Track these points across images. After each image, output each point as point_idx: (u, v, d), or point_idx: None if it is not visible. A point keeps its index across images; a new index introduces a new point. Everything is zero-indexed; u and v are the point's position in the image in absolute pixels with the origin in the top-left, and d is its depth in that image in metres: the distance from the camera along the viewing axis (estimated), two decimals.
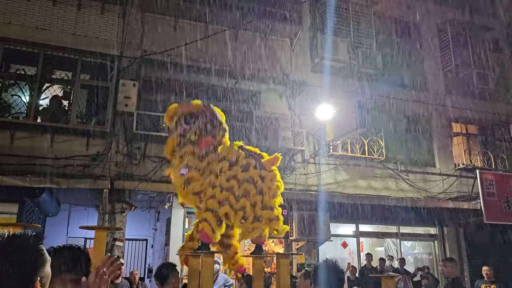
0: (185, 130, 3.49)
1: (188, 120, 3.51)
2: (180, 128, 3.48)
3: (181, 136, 3.48)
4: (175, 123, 3.49)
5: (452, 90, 12.14)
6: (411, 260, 11.56)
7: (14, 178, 7.05)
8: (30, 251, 1.39)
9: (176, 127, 3.48)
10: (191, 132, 3.49)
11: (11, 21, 8.31)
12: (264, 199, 3.45)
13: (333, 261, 2.77)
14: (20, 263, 1.33)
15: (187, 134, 3.49)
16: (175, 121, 3.49)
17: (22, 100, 8.49)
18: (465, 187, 11.11)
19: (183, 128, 3.49)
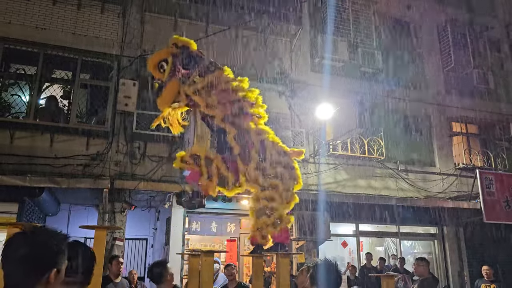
0: (187, 74, 3.38)
1: (187, 62, 3.42)
2: (179, 72, 3.35)
3: (185, 77, 3.36)
4: (171, 67, 3.34)
5: (452, 89, 12.14)
6: (411, 260, 11.55)
7: (14, 178, 7.04)
8: (54, 242, 1.49)
9: (174, 72, 3.33)
10: (195, 74, 3.40)
11: (11, 21, 8.30)
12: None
13: (332, 260, 2.76)
14: (43, 251, 1.44)
15: (190, 76, 3.39)
16: (170, 65, 3.34)
17: (22, 99, 8.49)
18: (465, 187, 11.11)
19: (183, 72, 3.37)
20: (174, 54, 3.39)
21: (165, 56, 3.41)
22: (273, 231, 3.45)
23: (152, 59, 3.50)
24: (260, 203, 3.49)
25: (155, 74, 3.43)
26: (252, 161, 3.44)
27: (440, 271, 10.95)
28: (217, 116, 3.41)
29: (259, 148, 3.54)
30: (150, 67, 3.47)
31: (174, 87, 3.34)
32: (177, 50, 3.42)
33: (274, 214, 3.45)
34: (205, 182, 3.36)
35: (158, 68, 3.39)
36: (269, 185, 3.47)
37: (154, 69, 3.42)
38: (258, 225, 3.54)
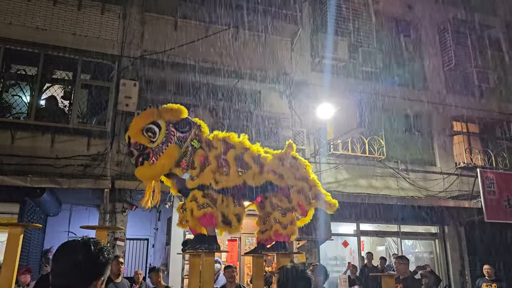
0: (184, 138, 3.24)
1: (182, 126, 3.24)
2: (174, 136, 3.17)
3: (181, 142, 3.20)
4: (166, 130, 3.14)
5: (452, 88, 12.14)
6: (412, 259, 11.55)
7: (15, 178, 7.06)
8: (104, 253, 1.62)
9: (169, 136, 3.14)
10: (192, 137, 3.28)
11: (12, 22, 8.31)
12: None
13: (300, 266, 2.58)
14: (96, 260, 1.58)
15: (187, 141, 3.25)
16: (164, 129, 3.14)
17: (23, 100, 8.51)
18: (466, 186, 11.10)
19: (180, 136, 3.21)
20: (166, 116, 3.17)
21: (156, 118, 3.13)
22: (282, 230, 3.47)
23: (138, 121, 3.16)
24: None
25: (139, 138, 3.06)
26: None
27: (441, 271, 10.95)
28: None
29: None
30: (133, 131, 3.10)
31: (175, 152, 3.12)
32: (170, 111, 3.20)
33: (287, 213, 3.50)
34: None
35: (144, 133, 3.07)
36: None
37: (138, 133, 3.07)
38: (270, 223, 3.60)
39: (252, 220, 9.93)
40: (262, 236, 3.72)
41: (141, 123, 3.10)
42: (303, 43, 10.70)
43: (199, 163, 3.26)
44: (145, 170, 3.12)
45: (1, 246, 8.26)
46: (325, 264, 10.70)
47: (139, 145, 3.07)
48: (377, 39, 11.23)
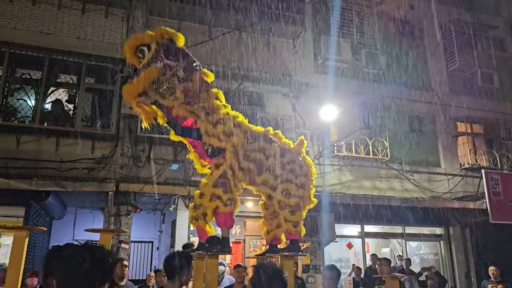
0: (170, 66, 3.06)
1: (173, 54, 3.09)
2: (161, 61, 3.02)
3: (166, 69, 3.04)
4: (153, 54, 3.00)
5: (456, 89, 12.10)
6: (417, 261, 11.51)
7: (20, 182, 7.11)
8: (110, 259, 1.73)
9: (156, 59, 3.00)
10: (178, 68, 3.11)
11: (16, 26, 8.39)
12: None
13: (277, 265, 2.44)
14: (101, 266, 1.66)
15: (172, 69, 3.08)
16: (153, 51, 3.01)
17: (28, 104, 8.57)
18: (470, 187, 11.05)
19: (167, 63, 3.05)
20: (159, 41, 3.06)
21: (148, 41, 3.06)
22: (292, 229, 3.41)
23: (132, 40, 3.11)
24: (275, 204, 3.48)
25: (131, 58, 3.03)
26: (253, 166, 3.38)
27: (447, 272, 10.90)
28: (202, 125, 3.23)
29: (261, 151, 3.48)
30: (128, 49, 3.06)
31: (153, 73, 3.00)
32: (163, 37, 3.10)
33: (296, 212, 3.42)
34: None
35: (136, 52, 3.02)
36: (281, 186, 3.45)
37: (131, 52, 3.03)
38: (277, 224, 3.53)
39: (256, 222, 9.94)
40: (269, 236, 3.65)
41: (136, 43, 3.07)
42: (306, 45, 10.70)
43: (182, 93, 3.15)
44: (126, 88, 3.07)
45: (7, 249, 8.32)
46: None
47: (131, 65, 3.07)
48: (380, 40, 11.22)
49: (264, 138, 3.50)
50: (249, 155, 3.36)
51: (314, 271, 9.27)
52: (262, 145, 3.44)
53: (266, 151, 3.47)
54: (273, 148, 3.50)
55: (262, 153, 3.43)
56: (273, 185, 3.46)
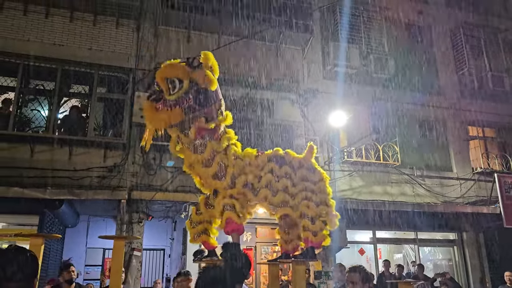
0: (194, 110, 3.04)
1: (200, 99, 3.05)
2: (187, 103, 3.01)
3: (190, 111, 3.02)
4: (183, 93, 2.99)
5: (467, 93, 12.02)
6: (430, 267, 11.38)
7: (34, 191, 7.23)
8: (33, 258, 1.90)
9: (184, 98, 2.99)
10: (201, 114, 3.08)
11: (30, 38, 8.58)
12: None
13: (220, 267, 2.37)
14: (29, 266, 1.86)
15: (195, 114, 3.05)
16: (184, 89, 2.99)
17: (42, 114, 8.74)
18: (483, 191, 10.93)
19: (193, 105, 3.03)
20: (193, 80, 3.05)
21: (182, 75, 3.04)
22: (312, 237, 3.34)
23: (168, 68, 3.12)
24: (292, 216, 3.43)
25: (161, 83, 3.06)
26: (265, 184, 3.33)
27: (461, 278, 10.75)
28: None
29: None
30: (160, 76, 3.08)
31: (176, 116, 3.02)
32: (200, 77, 3.07)
33: (315, 222, 3.36)
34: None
35: (168, 82, 3.04)
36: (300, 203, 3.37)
37: (163, 79, 3.05)
38: (297, 234, 3.50)
39: (267, 229, 9.94)
40: (287, 246, 3.59)
41: (170, 72, 3.07)
42: (315, 51, 10.75)
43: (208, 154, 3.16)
44: (150, 110, 3.06)
45: None
46: None
47: (160, 88, 3.07)
48: (389, 45, 11.22)
49: (275, 160, 3.44)
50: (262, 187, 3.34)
51: (326, 277, 9.22)
52: (271, 167, 3.39)
53: (276, 172, 3.40)
54: (284, 169, 3.43)
55: (272, 174, 3.37)
56: (291, 204, 3.39)
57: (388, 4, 11.57)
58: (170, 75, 3.05)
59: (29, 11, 8.72)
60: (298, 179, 3.45)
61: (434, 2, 12.71)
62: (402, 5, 11.93)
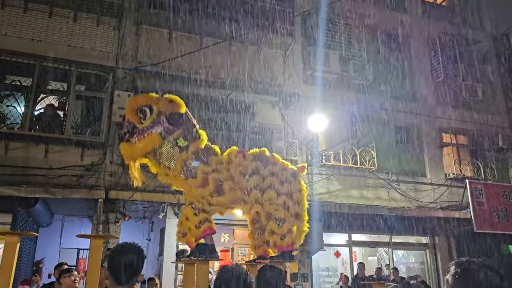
0: (170, 131, 3.17)
1: (174, 119, 3.18)
2: (162, 125, 3.11)
3: (166, 133, 3.14)
4: (155, 116, 3.09)
5: (441, 101, 12.37)
6: (403, 270, 11.64)
7: (8, 188, 7.06)
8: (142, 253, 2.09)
9: (158, 123, 3.10)
10: (178, 134, 3.19)
11: (7, 33, 8.39)
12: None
13: (242, 268, 2.32)
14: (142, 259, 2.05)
15: (173, 135, 3.18)
16: (155, 114, 3.10)
17: (18, 110, 8.54)
18: (455, 197, 11.26)
19: (168, 127, 3.15)
20: (161, 105, 3.15)
21: (151, 103, 3.15)
22: (279, 241, 3.38)
23: (135, 100, 3.21)
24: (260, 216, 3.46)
25: (132, 117, 3.11)
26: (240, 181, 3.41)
27: (432, 281, 11.04)
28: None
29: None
30: (129, 109, 3.14)
31: (154, 140, 3.11)
32: (167, 101, 3.19)
33: (283, 225, 3.38)
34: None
35: (137, 113, 3.11)
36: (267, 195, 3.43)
37: (132, 112, 3.12)
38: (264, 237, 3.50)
39: (245, 230, 9.96)
40: (258, 251, 3.64)
41: (138, 103, 3.15)
42: (296, 56, 10.88)
43: (181, 168, 3.26)
44: (126, 147, 3.16)
45: None
46: (317, 275, 10.81)
47: (131, 122, 3.14)
48: (368, 52, 11.46)
49: (259, 159, 3.52)
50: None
51: (302, 279, 9.33)
52: (254, 167, 3.47)
53: (255, 170, 3.48)
54: (268, 169, 3.51)
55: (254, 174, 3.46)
56: (260, 200, 3.45)
57: (368, 12, 11.82)
58: (139, 104, 3.13)
59: (7, 5, 8.53)
60: (278, 183, 3.49)
61: (413, 12, 13.06)
62: (381, 14, 12.20)
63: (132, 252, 2.02)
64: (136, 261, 2.00)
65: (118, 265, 1.97)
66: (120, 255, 2.01)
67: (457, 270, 1.73)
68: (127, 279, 1.98)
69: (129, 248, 2.04)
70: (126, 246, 2.07)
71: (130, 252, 2.02)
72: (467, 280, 1.70)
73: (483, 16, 14.29)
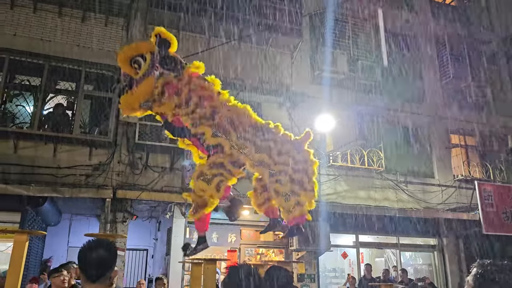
0: (165, 75, 3.18)
1: (169, 63, 3.19)
2: (157, 70, 3.11)
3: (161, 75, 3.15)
4: (149, 63, 3.08)
5: (450, 102, 12.27)
6: (411, 271, 11.55)
7: (17, 187, 7.13)
8: (114, 248, 2.09)
9: (152, 69, 3.08)
10: (173, 75, 3.21)
11: (17, 33, 8.47)
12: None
13: (251, 266, 2.26)
14: (113, 255, 2.05)
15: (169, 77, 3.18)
16: (148, 62, 3.08)
17: (27, 110, 8.61)
18: (464, 198, 11.17)
19: (163, 72, 3.16)
20: (154, 51, 3.14)
21: (143, 51, 3.13)
22: (291, 215, 3.18)
23: (126, 51, 3.18)
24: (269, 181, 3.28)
25: (126, 68, 3.10)
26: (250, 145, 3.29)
27: (440, 283, 10.95)
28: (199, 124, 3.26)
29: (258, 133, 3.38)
30: (122, 60, 3.12)
31: (150, 82, 3.08)
32: (155, 47, 3.17)
33: (292, 197, 3.19)
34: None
35: (131, 63, 3.10)
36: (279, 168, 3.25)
37: (125, 63, 3.10)
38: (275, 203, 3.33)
39: (251, 230, 9.96)
40: (262, 208, 3.47)
41: (130, 54, 3.13)
42: (303, 56, 10.85)
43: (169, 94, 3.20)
44: (125, 98, 3.15)
45: (0, 255, 8.28)
46: (324, 276, 10.76)
47: (127, 75, 3.13)
48: (376, 52, 11.40)
49: (265, 126, 3.45)
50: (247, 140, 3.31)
51: (309, 280, 9.30)
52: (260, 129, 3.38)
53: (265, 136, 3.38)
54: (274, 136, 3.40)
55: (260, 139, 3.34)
56: (270, 165, 3.30)
57: (375, 12, 11.75)
58: (131, 55, 3.11)
59: (16, 5, 8.61)
60: (284, 152, 3.35)
61: (421, 12, 12.97)
62: (389, 14, 12.13)
63: (102, 248, 1.98)
64: (108, 257, 1.97)
65: (88, 262, 1.93)
66: (90, 252, 1.97)
67: (478, 271, 1.76)
68: (99, 276, 1.94)
69: (99, 244, 2.02)
70: (95, 241, 2.05)
71: (101, 248, 1.98)
72: (488, 281, 1.74)
73: (492, 16, 14.16)
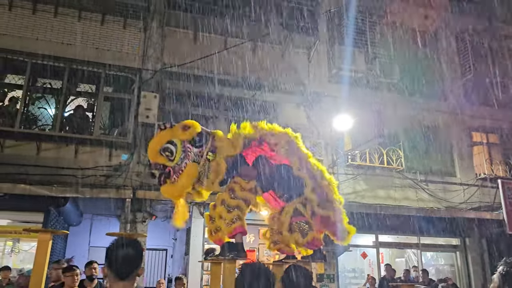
0: (200, 153, 3.20)
1: (197, 141, 3.21)
2: (191, 152, 3.14)
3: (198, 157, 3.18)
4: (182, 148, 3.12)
5: (471, 99, 12.01)
6: (432, 272, 11.35)
7: (40, 188, 7.28)
8: (140, 247, 2.11)
9: (186, 153, 3.12)
10: (207, 151, 3.22)
11: (39, 37, 8.65)
12: None
13: (263, 265, 2.29)
14: (140, 253, 2.06)
15: (203, 154, 3.20)
16: (180, 147, 3.11)
17: (48, 112, 8.79)
18: (487, 197, 10.92)
19: (196, 152, 3.18)
20: (177, 136, 3.15)
21: (170, 138, 3.14)
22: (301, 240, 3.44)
23: (154, 143, 3.17)
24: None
25: (158, 159, 3.09)
26: None
27: (463, 283, 10.73)
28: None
29: None
30: (152, 153, 3.12)
31: (193, 170, 3.11)
32: (182, 129, 3.19)
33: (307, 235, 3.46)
34: None
35: (162, 153, 3.09)
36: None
37: (156, 154, 3.09)
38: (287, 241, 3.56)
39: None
40: (277, 247, 3.69)
41: (158, 144, 3.14)
42: (320, 55, 10.78)
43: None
44: (168, 189, 3.16)
45: (24, 254, 8.47)
46: (343, 276, 10.67)
47: (159, 165, 3.11)
48: (395, 50, 11.24)
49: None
50: None
51: (328, 280, 9.23)
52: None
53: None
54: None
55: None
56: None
57: (394, 9, 11.60)
58: (160, 145, 3.12)
59: (38, 10, 8.80)
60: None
61: (440, 8, 12.72)
62: (408, 10, 11.94)
63: (130, 246, 2.05)
64: (136, 255, 2.03)
65: (118, 260, 2.00)
66: (119, 250, 2.03)
67: (504, 269, 1.74)
68: (128, 274, 2.00)
69: (127, 242, 2.07)
70: (123, 240, 2.10)
71: (129, 246, 2.04)
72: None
73: None
